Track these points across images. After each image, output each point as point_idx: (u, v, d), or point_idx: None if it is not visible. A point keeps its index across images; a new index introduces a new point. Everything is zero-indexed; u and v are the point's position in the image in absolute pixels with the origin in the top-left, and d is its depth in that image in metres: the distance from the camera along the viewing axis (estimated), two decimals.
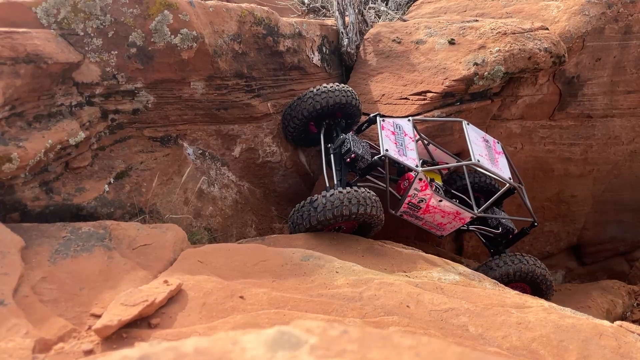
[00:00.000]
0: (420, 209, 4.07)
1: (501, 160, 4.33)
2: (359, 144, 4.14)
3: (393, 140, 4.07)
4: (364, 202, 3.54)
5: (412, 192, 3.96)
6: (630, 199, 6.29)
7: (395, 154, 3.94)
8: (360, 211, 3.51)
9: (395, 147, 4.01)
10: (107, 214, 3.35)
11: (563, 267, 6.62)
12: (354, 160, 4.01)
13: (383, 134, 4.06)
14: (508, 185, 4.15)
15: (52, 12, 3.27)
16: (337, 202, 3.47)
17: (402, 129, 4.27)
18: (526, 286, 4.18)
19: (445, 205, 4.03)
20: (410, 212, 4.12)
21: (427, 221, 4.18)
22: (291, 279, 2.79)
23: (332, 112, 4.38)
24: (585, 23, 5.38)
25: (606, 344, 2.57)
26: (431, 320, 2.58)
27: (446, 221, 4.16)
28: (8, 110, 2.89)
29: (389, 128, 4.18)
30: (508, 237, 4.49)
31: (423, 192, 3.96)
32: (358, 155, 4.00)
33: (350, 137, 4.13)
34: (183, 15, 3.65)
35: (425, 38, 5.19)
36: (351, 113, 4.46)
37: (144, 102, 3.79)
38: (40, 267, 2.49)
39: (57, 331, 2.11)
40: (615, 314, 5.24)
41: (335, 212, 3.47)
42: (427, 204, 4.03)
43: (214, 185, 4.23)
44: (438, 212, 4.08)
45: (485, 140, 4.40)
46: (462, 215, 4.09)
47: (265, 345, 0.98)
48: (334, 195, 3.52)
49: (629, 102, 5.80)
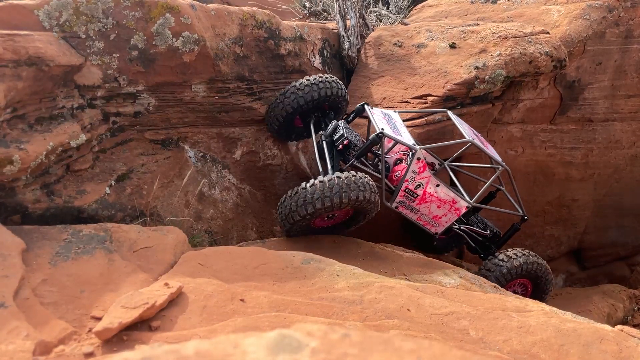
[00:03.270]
0: (417, 198, 3.95)
1: (490, 147, 4.46)
2: (351, 131, 4.04)
3: (386, 124, 4.00)
4: (362, 187, 3.37)
5: (410, 176, 3.85)
6: (631, 203, 6.29)
7: (391, 133, 3.85)
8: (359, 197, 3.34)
9: (390, 128, 3.94)
10: (108, 216, 3.35)
11: (564, 271, 6.62)
12: (346, 146, 3.89)
13: (375, 117, 3.98)
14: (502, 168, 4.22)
15: (54, 14, 3.28)
16: (336, 188, 3.28)
17: (391, 117, 4.22)
18: (527, 282, 4.14)
19: (442, 191, 3.95)
20: (406, 203, 3.99)
21: (423, 214, 4.06)
22: (292, 282, 2.78)
23: (319, 105, 4.27)
24: (586, 27, 5.38)
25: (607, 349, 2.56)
26: (432, 324, 2.57)
27: (442, 213, 4.06)
28: (10, 113, 2.89)
29: (378, 114, 4.12)
30: (496, 240, 4.47)
31: (421, 174, 3.85)
32: (351, 142, 3.88)
33: (342, 124, 4.03)
34: (185, 19, 3.66)
35: (426, 42, 5.20)
36: (338, 104, 4.36)
37: (146, 104, 3.80)
38: (41, 270, 2.49)
39: (57, 334, 2.11)
40: (616, 318, 5.23)
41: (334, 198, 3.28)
42: (424, 191, 3.93)
43: (215, 188, 4.23)
44: (435, 200, 3.98)
45: (471, 129, 4.48)
46: (458, 205, 4.01)
47: (267, 349, 0.98)
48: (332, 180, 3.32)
49: (629, 106, 5.80)
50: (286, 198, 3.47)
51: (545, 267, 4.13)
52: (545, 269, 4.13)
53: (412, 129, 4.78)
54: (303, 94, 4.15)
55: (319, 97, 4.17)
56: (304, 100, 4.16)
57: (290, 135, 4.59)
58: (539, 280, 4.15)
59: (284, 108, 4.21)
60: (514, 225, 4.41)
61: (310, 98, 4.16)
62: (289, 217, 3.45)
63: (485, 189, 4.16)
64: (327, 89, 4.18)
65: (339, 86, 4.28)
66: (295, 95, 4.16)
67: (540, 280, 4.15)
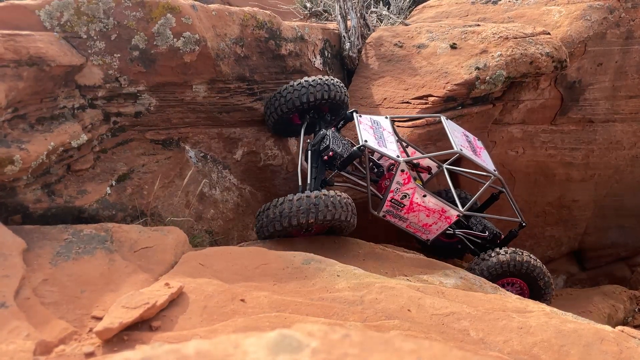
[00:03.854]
0: (404, 207, 3.90)
1: (483, 153, 4.33)
2: (339, 141, 3.97)
3: (372, 134, 3.95)
4: (332, 207, 3.33)
5: (395, 187, 3.81)
6: (632, 204, 6.29)
7: (375, 145, 3.81)
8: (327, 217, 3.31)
9: (374, 140, 3.89)
10: (109, 216, 3.35)
11: (564, 272, 6.62)
12: (331, 158, 3.85)
13: (361, 127, 3.94)
14: (493, 177, 4.12)
15: (56, 15, 3.28)
16: (303, 208, 3.27)
17: (380, 124, 4.17)
18: (523, 283, 4.09)
19: (430, 201, 3.88)
20: (394, 212, 3.95)
21: (412, 222, 4.01)
22: (292, 282, 2.78)
23: (317, 106, 4.22)
24: (587, 28, 5.38)
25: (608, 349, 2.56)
26: (432, 325, 2.57)
27: (431, 221, 3.99)
28: (11, 113, 2.89)
29: (366, 123, 4.08)
30: (496, 242, 4.40)
31: (406, 185, 3.81)
32: (336, 153, 3.83)
33: (331, 134, 3.96)
34: (186, 19, 3.67)
35: (427, 42, 5.20)
36: (339, 108, 4.32)
37: (146, 105, 3.80)
38: (41, 270, 2.49)
39: (58, 333, 2.11)
40: (616, 319, 5.23)
41: (300, 218, 3.25)
42: (410, 201, 3.87)
43: (216, 188, 4.23)
44: (423, 210, 3.92)
45: (465, 135, 4.39)
46: (448, 214, 3.93)
47: (267, 349, 0.98)
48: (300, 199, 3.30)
49: (630, 107, 5.80)
50: (270, 207, 3.44)
51: (539, 268, 4.02)
52: (539, 269, 4.02)
53: (413, 130, 4.79)
54: (299, 95, 4.10)
55: (315, 99, 4.11)
56: (300, 102, 4.11)
57: (288, 131, 4.56)
58: (533, 281, 4.05)
59: (279, 107, 4.15)
60: (512, 231, 4.35)
61: (306, 100, 4.10)
62: (268, 226, 3.43)
63: (476, 198, 4.09)
64: (330, 91, 4.14)
65: (339, 90, 4.21)
66: (292, 95, 4.10)
67: (535, 281, 4.04)
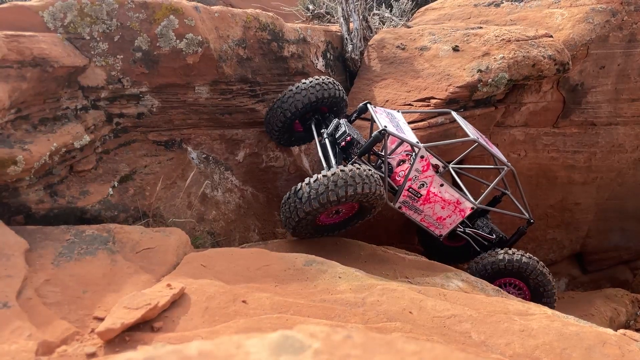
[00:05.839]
0: (421, 198, 3.90)
1: (495, 147, 4.41)
2: (352, 129, 4.01)
3: (389, 122, 3.95)
4: (367, 180, 3.27)
5: (413, 174, 3.80)
6: (634, 207, 6.27)
7: (395, 131, 3.78)
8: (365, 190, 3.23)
9: (393, 126, 3.88)
10: (111, 217, 3.36)
11: (566, 275, 6.60)
12: (349, 143, 3.84)
13: (378, 116, 3.94)
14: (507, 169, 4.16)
15: (59, 16, 3.29)
16: (341, 182, 3.19)
17: (394, 116, 4.19)
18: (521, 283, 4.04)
19: (446, 191, 3.90)
20: (410, 203, 3.93)
21: (427, 215, 4.01)
22: (294, 283, 2.78)
23: (317, 107, 4.26)
24: (590, 31, 5.38)
25: (609, 352, 2.55)
26: (434, 327, 2.57)
27: (446, 214, 4.00)
28: (14, 113, 2.90)
29: (381, 113, 4.09)
30: (502, 245, 4.35)
31: (424, 173, 3.81)
32: (354, 138, 3.84)
33: (344, 122, 4.01)
34: (189, 20, 3.67)
35: (429, 44, 5.20)
36: (337, 105, 4.34)
37: (149, 106, 3.81)
38: (43, 270, 2.50)
39: (60, 334, 2.11)
40: (618, 322, 5.22)
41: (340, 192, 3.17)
42: (427, 190, 3.88)
43: (218, 190, 4.23)
44: (439, 201, 3.93)
45: (476, 130, 4.45)
46: (463, 206, 3.96)
47: (269, 349, 0.98)
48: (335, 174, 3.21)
49: (633, 110, 5.79)
50: (290, 195, 3.37)
51: (539, 269, 3.96)
52: (539, 271, 3.96)
53: (415, 131, 4.78)
54: (300, 98, 4.12)
55: (316, 99, 4.14)
56: (302, 104, 4.13)
57: (291, 140, 4.58)
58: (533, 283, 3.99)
59: (282, 113, 4.18)
60: (520, 228, 4.34)
61: (308, 101, 4.13)
62: (293, 215, 3.34)
63: (490, 190, 4.09)
64: (324, 90, 4.15)
65: (336, 87, 4.25)
66: (293, 99, 4.13)
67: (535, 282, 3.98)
